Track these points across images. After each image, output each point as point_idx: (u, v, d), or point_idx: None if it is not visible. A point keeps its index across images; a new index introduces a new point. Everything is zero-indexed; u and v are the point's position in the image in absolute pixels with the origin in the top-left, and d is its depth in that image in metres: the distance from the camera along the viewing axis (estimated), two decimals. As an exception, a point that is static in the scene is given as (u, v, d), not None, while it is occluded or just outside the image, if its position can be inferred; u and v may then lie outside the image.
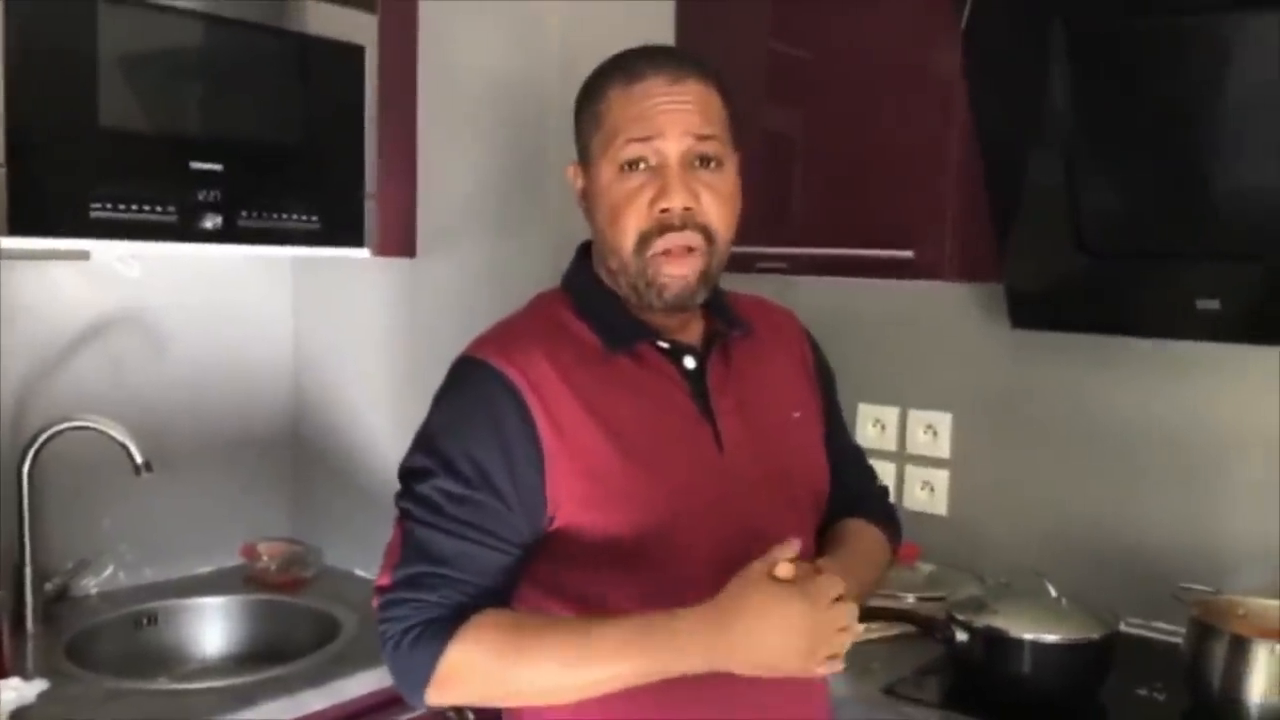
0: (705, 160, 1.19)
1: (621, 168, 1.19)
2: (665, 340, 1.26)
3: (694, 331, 1.30)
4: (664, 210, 1.18)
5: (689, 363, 1.27)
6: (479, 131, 1.98)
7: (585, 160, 1.25)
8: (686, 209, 1.18)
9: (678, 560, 1.20)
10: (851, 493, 1.43)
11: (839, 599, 1.11)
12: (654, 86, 1.18)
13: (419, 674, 1.12)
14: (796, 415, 1.36)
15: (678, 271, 1.19)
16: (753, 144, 1.27)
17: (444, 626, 1.12)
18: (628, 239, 1.19)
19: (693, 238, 1.19)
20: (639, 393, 1.23)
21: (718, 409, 1.26)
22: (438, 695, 1.14)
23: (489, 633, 1.12)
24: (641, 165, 1.18)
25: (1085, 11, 1.64)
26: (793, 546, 1.12)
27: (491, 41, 1.96)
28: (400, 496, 1.21)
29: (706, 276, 1.22)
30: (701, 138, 1.19)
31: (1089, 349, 1.95)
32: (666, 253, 1.19)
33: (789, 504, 1.30)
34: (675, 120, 1.18)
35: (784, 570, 1.11)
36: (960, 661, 1.69)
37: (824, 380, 1.44)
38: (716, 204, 1.20)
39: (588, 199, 1.25)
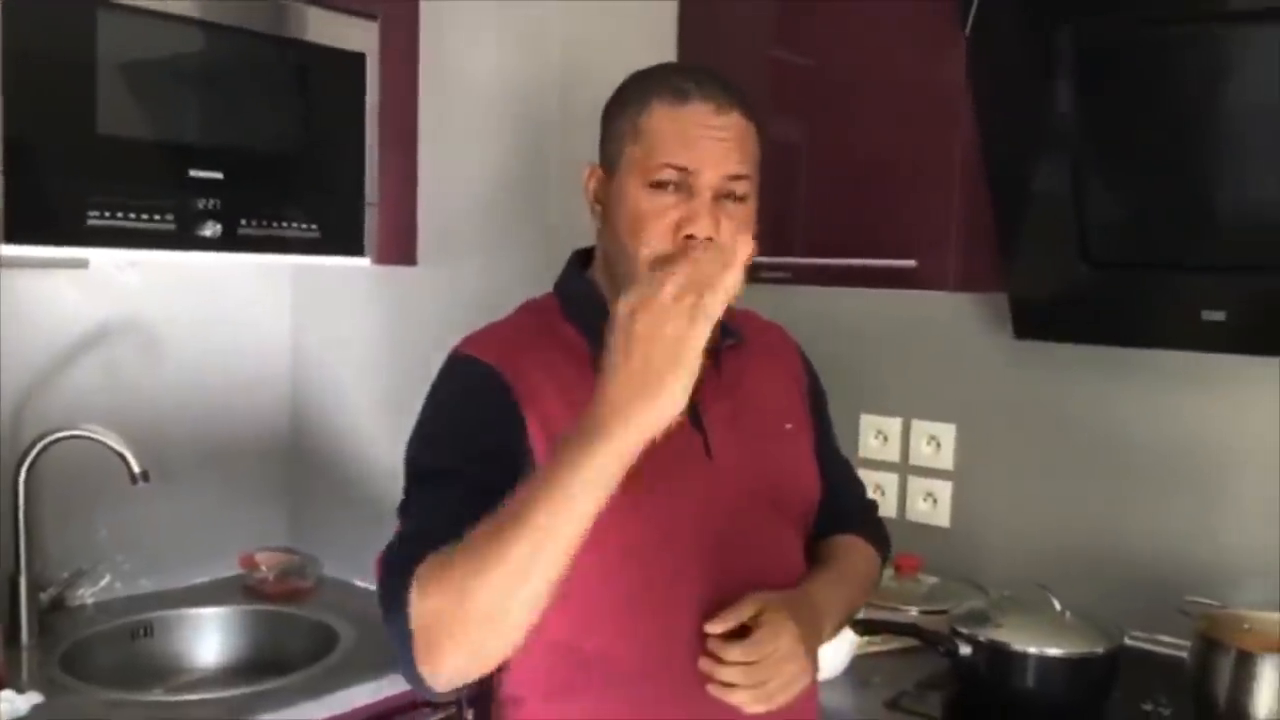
0: (731, 194, 1.21)
1: (652, 185, 1.20)
2: None
3: None
4: (689, 237, 1.19)
5: None
6: (480, 140, 1.97)
7: (610, 164, 1.25)
8: (709, 238, 1.18)
9: (666, 564, 1.20)
10: (841, 507, 1.43)
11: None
12: (699, 113, 1.20)
13: (403, 641, 1.03)
14: (788, 427, 1.37)
15: None
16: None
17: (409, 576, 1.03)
18: (645, 254, 1.19)
19: None
20: None
21: (708, 418, 1.26)
22: (428, 662, 1.02)
23: (429, 567, 1.02)
24: (671, 187, 1.20)
25: (1090, 21, 1.64)
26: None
27: (492, 50, 1.95)
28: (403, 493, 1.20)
29: None
30: (734, 177, 1.20)
31: (1093, 360, 1.94)
32: None
33: (778, 513, 1.31)
34: (714, 154, 1.19)
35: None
36: (963, 675, 1.68)
37: (815, 393, 1.45)
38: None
39: (604, 202, 1.26)
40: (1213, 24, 1.55)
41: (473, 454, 1.15)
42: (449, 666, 1.03)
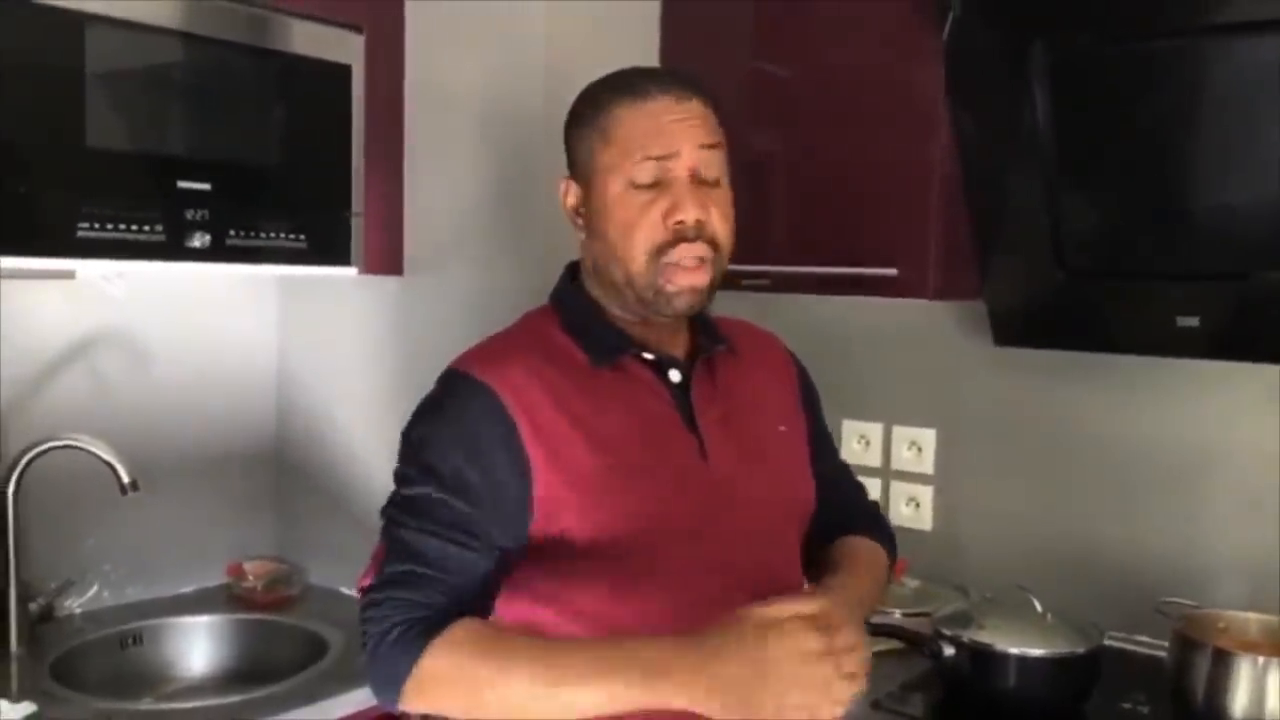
0: (710, 180, 1.23)
1: (634, 185, 1.22)
2: (650, 353, 1.28)
3: (679, 345, 1.32)
4: (679, 223, 1.21)
5: (674, 375, 1.29)
6: (466, 150, 1.99)
7: (583, 174, 1.27)
8: (699, 221, 1.21)
9: (665, 568, 1.22)
10: (846, 509, 1.45)
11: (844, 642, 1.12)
12: (663, 104, 1.22)
13: (397, 674, 1.11)
14: (782, 429, 1.38)
15: (690, 282, 1.22)
16: (737, 162, 1.29)
17: (425, 628, 1.12)
18: (641, 250, 1.22)
19: (704, 249, 1.22)
20: (624, 404, 1.25)
21: (702, 421, 1.28)
22: (412, 701, 1.13)
23: (466, 642, 1.12)
24: (650, 183, 1.21)
25: (1065, 34, 1.67)
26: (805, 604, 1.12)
27: (478, 61, 1.97)
28: (386, 504, 1.22)
29: (712, 286, 1.26)
30: (709, 146, 1.23)
31: (1071, 365, 1.97)
32: (681, 263, 1.22)
33: (773, 514, 1.33)
34: (686, 136, 1.22)
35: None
36: (947, 676, 1.70)
37: (809, 399, 1.47)
38: (721, 217, 1.24)
39: (587, 213, 1.27)
40: (1183, 39, 1.58)
41: (465, 485, 1.17)
42: (431, 710, 1.13)
